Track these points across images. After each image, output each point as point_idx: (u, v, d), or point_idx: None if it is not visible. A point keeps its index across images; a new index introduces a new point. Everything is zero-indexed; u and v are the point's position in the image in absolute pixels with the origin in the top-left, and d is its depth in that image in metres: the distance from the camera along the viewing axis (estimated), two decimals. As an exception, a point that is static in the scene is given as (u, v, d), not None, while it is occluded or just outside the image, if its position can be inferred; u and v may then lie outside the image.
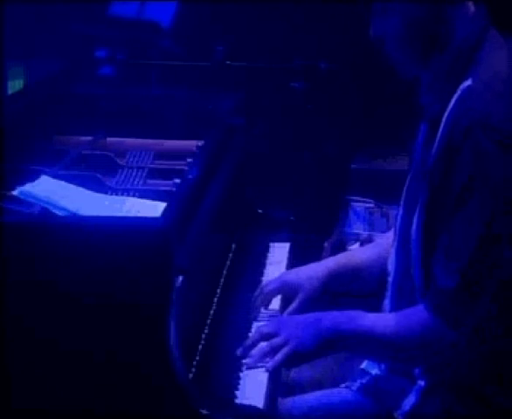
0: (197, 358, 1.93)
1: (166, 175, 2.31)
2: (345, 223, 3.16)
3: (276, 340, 1.88)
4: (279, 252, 2.52)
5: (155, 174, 2.35)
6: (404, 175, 2.01)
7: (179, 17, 3.24)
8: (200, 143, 2.46)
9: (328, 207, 3.26)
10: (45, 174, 2.14)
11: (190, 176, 2.17)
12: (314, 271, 2.16)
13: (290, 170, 3.29)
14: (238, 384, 1.89)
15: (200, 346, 1.97)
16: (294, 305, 2.13)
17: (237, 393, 1.86)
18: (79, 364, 1.76)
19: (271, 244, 2.55)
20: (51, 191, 2.04)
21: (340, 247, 3.10)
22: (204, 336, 2.01)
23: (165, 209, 1.93)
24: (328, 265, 2.16)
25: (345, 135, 3.40)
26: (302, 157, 3.34)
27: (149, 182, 2.31)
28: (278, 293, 2.17)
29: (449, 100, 1.78)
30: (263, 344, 1.90)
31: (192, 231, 1.97)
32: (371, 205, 3.14)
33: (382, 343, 1.84)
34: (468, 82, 1.77)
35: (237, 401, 1.84)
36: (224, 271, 2.32)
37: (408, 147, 2.03)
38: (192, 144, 2.49)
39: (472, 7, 1.83)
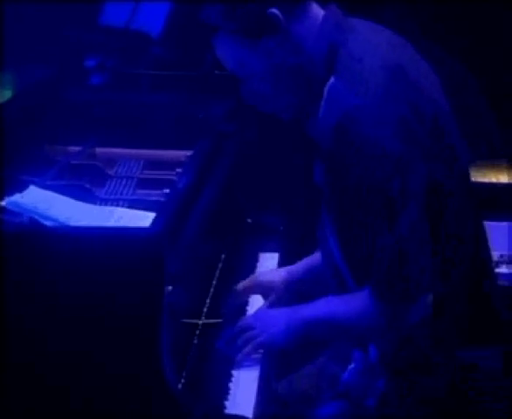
0: (187, 367, 1.93)
1: (155, 184, 2.31)
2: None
3: (249, 334, 1.96)
4: (268, 262, 2.52)
5: (144, 183, 2.35)
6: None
7: (169, 25, 3.24)
8: (190, 153, 2.46)
9: (318, 217, 3.26)
10: (34, 184, 2.14)
11: (179, 185, 2.17)
12: (289, 273, 2.22)
13: (279, 180, 3.29)
14: (228, 394, 1.90)
15: (189, 356, 1.97)
16: (263, 305, 2.18)
17: (226, 403, 1.87)
18: (68, 373, 1.76)
19: (260, 254, 2.56)
20: (40, 201, 2.04)
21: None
22: (193, 346, 2.02)
23: (155, 219, 1.93)
24: (297, 269, 2.24)
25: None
26: (292, 167, 3.34)
27: (139, 191, 2.31)
28: (251, 292, 2.24)
29: (319, 107, 1.83)
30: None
31: (182, 241, 1.97)
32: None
33: (342, 326, 1.91)
34: (332, 80, 1.80)
35: (226, 410, 1.85)
36: (214, 281, 2.32)
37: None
38: (182, 154, 2.49)
39: (319, 12, 1.85)
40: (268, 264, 2.51)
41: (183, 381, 1.88)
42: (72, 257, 1.76)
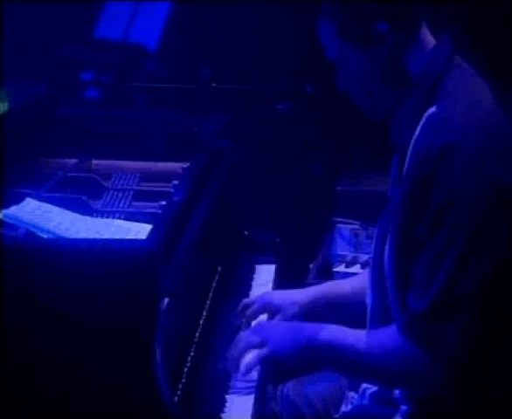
0: (183, 380, 1.93)
1: (152, 197, 2.32)
2: (330, 244, 3.17)
3: (253, 340, 1.89)
4: (264, 274, 2.53)
5: (140, 196, 2.36)
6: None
7: (165, 39, 3.26)
8: (186, 165, 2.47)
9: (314, 229, 3.28)
10: (31, 196, 2.14)
11: (175, 198, 2.18)
12: (295, 296, 2.17)
13: (276, 192, 3.30)
14: (224, 406, 1.89)
15: (186, 369, 1.97)
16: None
17: (223, 415, 1.86)
18: (63, 387, 1.76)
19: (256, 266, 2.56)
20: (37, 214, 2.04)
21: (325, 269, 3.11)
22: (189, 358, 2.02)
23: (151, 232, 1.94)
24: (310, 294, 2.17)
25: (330, 157, 3.42)
26: (288, 179, 3.36)
27: (135, 204, 2.31)
28: (259, 314, 2.18)
29: (415, 129, 1.81)
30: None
31: (178, 253, 1.97)
32: (357, 227, 3.15)
33: (356, 359, 1.83)
34: (433, 109, 1.79)
35: (223, 423, 1.85)
36: (210, 293, 2.32)
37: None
38: (178, 166, 2.50)
39: (432, 40, 1.86)
40: (265, 276, 2.52)
41: (179, 393, 1.88)
42: (69, 269, 1.76)
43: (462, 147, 1.73)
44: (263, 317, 2.19)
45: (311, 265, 3.14)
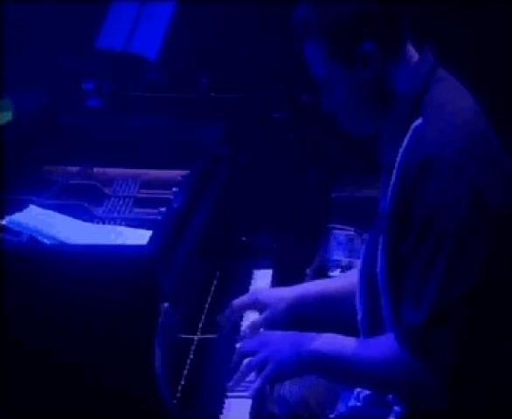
0: (183, 383, 1.95)
1: (152, 203, 2.34)
2: (326, 250, 3.19)
3: (255, 360, 1.90)
4: (262, 279, 2.55)
5: (141, 203, 2.38)
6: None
7: (165, 49, 3.29)
8: (185, 173, 2.49)
9: (310, 234, 3.30)
10: (34, 203, 2.17)
11: (175, 205, 2.20)
12: (283, 293, 2.19)
13: (272, 199, 3.32)
14: (223, 408, 1.91)
15: (185, 371, 1.99)
16: (256, 320, 2.16)
17: (221, 416, 1.89)
18: (65, 390, 1.79)
19: (254, 271, 2.58)
20: (40, 220, 2.06)
21: (321, 274, 3.13)
22: (188, 361, 2.04)
23: (151, 237, 1.96)
24: (297, 291, 2.19)
25: (326, 164, 3.45)
26: (285, 186, 3.38)
27: (136, 210, 2.34)
28: (247, 309, 2.21)
29: (401, 142, 1.83)
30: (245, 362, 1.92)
31: (178, 259, 2.00)
32: (351, 232, 3.18)
33: (357, 370, 1.86)
34: (419, 121, 1.82)
35: (221, 424, 1.87)
36: (209, 298, 2.34)
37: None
38: (177, 174, 2.52)
39: (415, 55, 1.88)
40: (262, 281, 2.53)
41: (178, 395, 1.90)
42: (70, 274, 1.79)
43: (440, 159, 1.75)
44: (254, 315, 2.22)
45: (307, 270, 3.16)
